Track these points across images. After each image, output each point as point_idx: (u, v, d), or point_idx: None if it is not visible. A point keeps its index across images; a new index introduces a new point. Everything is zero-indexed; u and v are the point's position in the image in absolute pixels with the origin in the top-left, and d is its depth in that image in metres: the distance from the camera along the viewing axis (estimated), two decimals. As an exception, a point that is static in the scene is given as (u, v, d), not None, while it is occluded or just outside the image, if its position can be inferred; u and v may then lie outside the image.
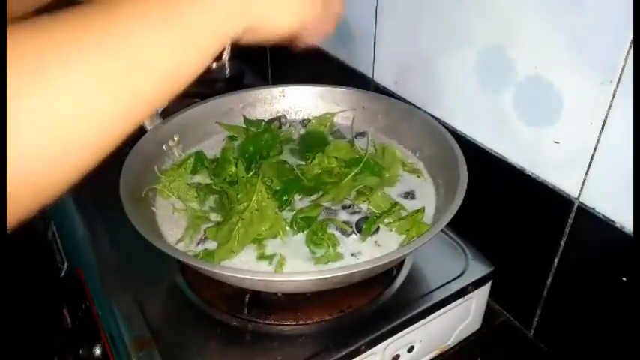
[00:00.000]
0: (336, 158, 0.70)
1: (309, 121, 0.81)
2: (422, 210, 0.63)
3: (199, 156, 0.73)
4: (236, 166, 0.68)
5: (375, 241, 0.62)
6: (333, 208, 0.66)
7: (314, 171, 0.69)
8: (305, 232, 0.62)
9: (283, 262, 0.58)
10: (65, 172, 0.29)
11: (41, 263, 0.85)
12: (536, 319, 0.68)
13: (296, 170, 0.68)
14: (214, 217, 0.65)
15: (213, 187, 0.68)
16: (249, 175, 0.67)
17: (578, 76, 0.55)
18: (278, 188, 0.65)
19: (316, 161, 0.69)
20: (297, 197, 0.67)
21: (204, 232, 0.62)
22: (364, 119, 0.80)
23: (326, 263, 0.58)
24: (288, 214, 0.65)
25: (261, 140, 0.74)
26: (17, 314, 0.79)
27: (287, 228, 0.62)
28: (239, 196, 0.62)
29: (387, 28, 0.80)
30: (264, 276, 0.54)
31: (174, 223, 0.65)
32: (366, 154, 0.70)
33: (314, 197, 0.67)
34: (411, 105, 0.78)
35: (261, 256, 0.60)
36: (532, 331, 0.69)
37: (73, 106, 0.28)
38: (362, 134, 0.80)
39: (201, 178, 0.72)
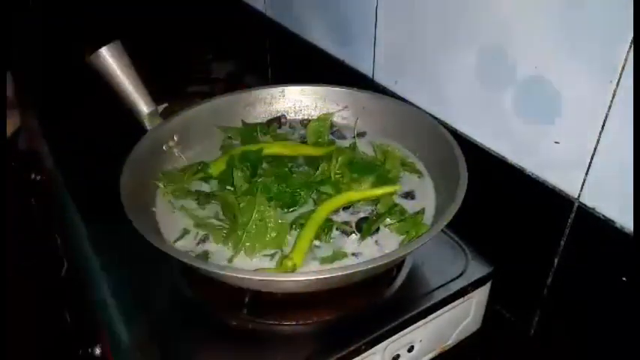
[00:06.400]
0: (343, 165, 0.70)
1: (309, 121, 0.81)
2: (422, 211, 0.63)
3: (205, 164, 0.73)
4: (233, 175, 0.67)
5: (375, 241, 0.62)
6: (333, 208, 0.66)
7: (318, 179, 0.68)
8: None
9: (283, 259, 0.58)
10: None
11: (41, 263, 0.85)
12: (536, 319, 0.68)
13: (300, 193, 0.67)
14: (216, 221, 0.65)
15: (213, 200, 0.67)
16: (252, 182, 0.67)
17: (578, 76, 0.55)
18: (283, 196, 0.65)
19: (320, 171, 0.69)
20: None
21: (212, 237, 0.62)
22: (364, 119, 0.80)
23: (331, 262, 0.59)
24: (287, 215, 0.65)
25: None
26: (16, 314, 0.79)
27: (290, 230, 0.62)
28: (241, 206, 0.62)
29: (387, 28, 0.80)
30: (264, 276, 0.54)
31: (174, 223, 0.65)
32: (383, 166, 0.70)
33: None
34: (410, 105, 0.78)
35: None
36: (532, 331, 0.69)
37: None
38: (362, 134, 0.80)
39: (199, 183, 0.71)
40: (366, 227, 0.62)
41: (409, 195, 0.69)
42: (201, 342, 0.58)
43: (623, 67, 0.50)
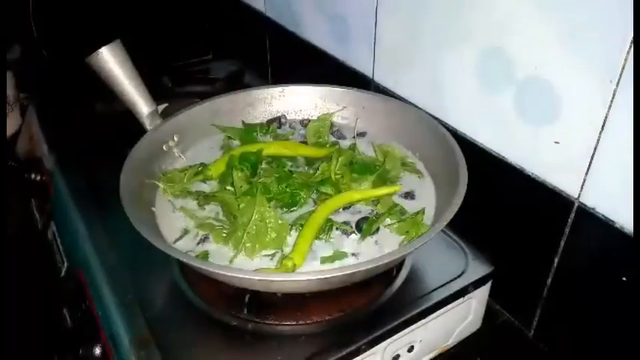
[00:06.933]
0: (344, 165, 0.69)
1: (309, 121, 0.81)
2: (422, 211, 0.63)
3: (204, 166, 0.72)
4: (233, 176, 0.67)
5: (375, 241, 0.62)
6: (333, 208, 0.66)
7: (318, 179, 0.68)
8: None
9: (284, 260, 0.58)
10: None
11: (41, 263, 0.85)
12: (536, 319, 0.68)
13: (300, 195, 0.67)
14: (216, 222, 0.65)
15: (212, 201, 0.67)
16: (252, 183, 0.67)
17: (578, 76, 0.55)
18: (283, 196, 0.65)
19: (320, 171, 0.69)
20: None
21: (212, 237, 0.62)
22: (364, 119, 0.80)
23: (331, 262, 0.59)
24: (287, 215, 0.65)
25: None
26: (16, 314, 0.79)
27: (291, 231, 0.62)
28: (241, 207, 0.62)
29: (387, 28, 0.80)
30: (264, 276, 0.54)
31: (174, 222, 0.65)
32: (382, 166, 0.70)
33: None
34: (411, 105, 0.79)
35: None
36: (532, 331, 0.69)
37: None
38: (362, 134, 0.80)
39: (199, 183, 0.71)
40: (366, 227, 0.62)
41: (409, 195, 0.69)
42: (202, 342, 0.58)
43: (623, 67, 0.50)
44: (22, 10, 1.10)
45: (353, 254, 0.60)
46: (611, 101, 0.52)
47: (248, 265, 0.59)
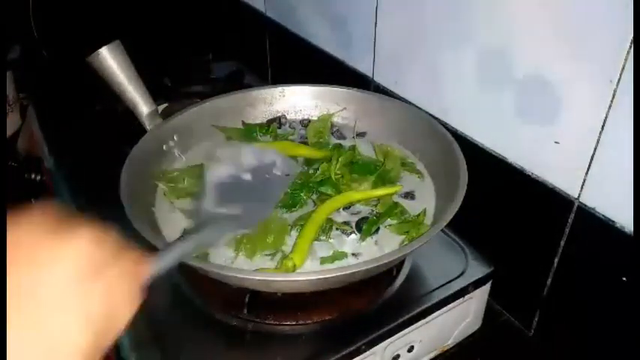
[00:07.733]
0: (344, 165, 0.69)
1: (309, 121, 0.81)
2: (422, 212, 0.63)
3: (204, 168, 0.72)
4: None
5: (375, 241, 0.62)
6: (333, 208, 0.66)
7: (318, 179, 0.68)
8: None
9: (284, 260, 0.58)
10: None
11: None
12: (536, 319, 0.68)
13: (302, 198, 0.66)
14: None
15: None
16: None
17: (578, 76, 0.55)
18: (283, 197, 0.65)
19: (320, 172, 0.69)
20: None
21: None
22: (364, 119, 0.80)
23: (331, 262, 0.59)
24: (287, 215, 0.65)
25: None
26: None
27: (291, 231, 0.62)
28: None
29: (387, 28, 0.80)
30: (264, 276, 0.54)
31: (174, 223, 0.65)
32: (382, 166, 0.70)
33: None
34: (411, 105, 0.78)
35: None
36: (532, 331, 0.69)
37: None
38: (362, 134, 0.80)
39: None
40: (366, 227, 0.62)
41: (409, 195, 0.69)
42: (201, 342, 0.58)
43: (623, 67, 0.50)
44: (22, 10, 1.10)
45: (353, 254, 0.60)
46: (611, 101, 0.52)
47: (248, 265, 0.59)
